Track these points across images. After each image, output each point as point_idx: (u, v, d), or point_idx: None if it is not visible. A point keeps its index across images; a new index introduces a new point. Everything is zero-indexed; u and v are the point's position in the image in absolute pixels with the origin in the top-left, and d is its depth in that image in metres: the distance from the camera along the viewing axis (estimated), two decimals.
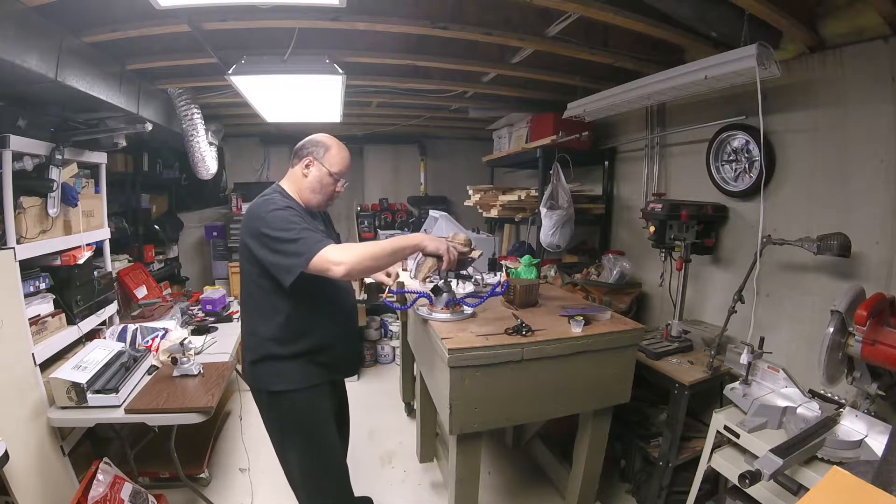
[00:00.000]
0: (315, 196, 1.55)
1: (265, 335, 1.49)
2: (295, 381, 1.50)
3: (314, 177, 1.53)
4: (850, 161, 1.82)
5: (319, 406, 1.56)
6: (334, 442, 1.61)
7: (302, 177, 1.54)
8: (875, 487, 0.66)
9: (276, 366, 1.50)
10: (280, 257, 1.35)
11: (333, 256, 1.32)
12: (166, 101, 2.87)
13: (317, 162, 1.53)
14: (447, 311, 1.74)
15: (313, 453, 1.57)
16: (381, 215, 4.78)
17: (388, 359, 4.07)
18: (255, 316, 1.52)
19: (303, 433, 1.55)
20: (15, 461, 1.62)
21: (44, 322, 2.00)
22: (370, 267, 1.40)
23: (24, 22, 1.61)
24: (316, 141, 1.56)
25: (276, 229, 1.36)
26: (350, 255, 1.34)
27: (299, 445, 1.55)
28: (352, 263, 1.32)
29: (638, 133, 2.96)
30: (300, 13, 1.82)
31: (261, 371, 1.52)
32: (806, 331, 1.95)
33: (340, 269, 1.31)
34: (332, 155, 1.54)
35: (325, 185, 1.55)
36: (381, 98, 3.16)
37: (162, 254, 4.08)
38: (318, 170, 1.53)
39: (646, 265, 2.85)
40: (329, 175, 1.54)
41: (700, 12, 1.74)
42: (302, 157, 1.54)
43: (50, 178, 2.02)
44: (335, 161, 1.55)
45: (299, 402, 1.52)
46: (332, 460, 1.60)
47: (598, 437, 1.87)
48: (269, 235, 1.36)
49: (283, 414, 1.54)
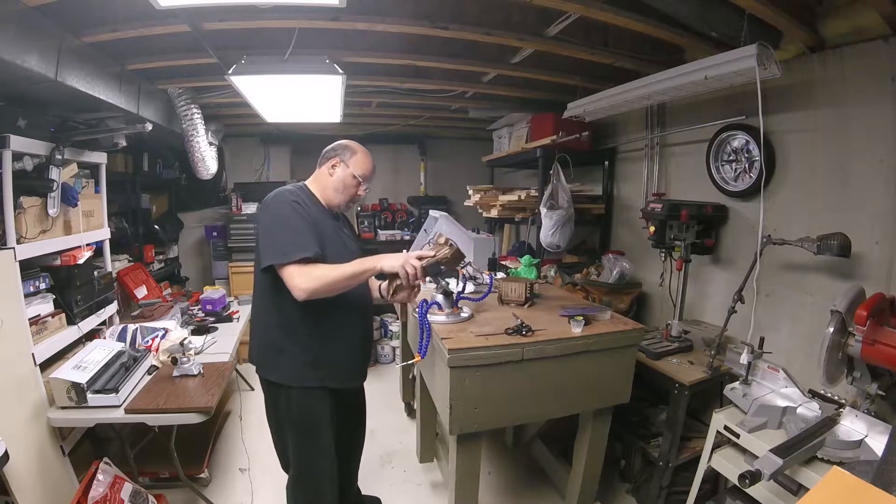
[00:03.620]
0: (338, 195, 1.62)
1: (268, 323, 1.56)
2: (290, 377, 1.54)
3: (339, 177, 1.61)
4: (850, 161, 1.82)
5: (314, 409, 1.56)
6: (324, 449, 1.59)
7: (328, 176, 1.62)
8: (875, 487, 0.66)
9: (274, 357, 1.55)
10: (263, 245, 1.46)
11: (295, 279, 1.38)
12: (166, 101, 2.87)
13: (342, 164, 1.61)
14: (444, 313, 1.74)
15: (302, 452, 1.60)
16: (381, 215, 4.78)
17: (388, 359, 4.07)
18: (262, 305, 1.59)
19: (295, 430, 1.59)
20: (15, 461, 1.62)
21: (44, 322, 2.00)
22: (330, 292, 1.42)
23: (24, 22, 1.61)
24: (344, 145, 1.65)
25: (272, 221, 1.47)
26: (311, 282, 1.38)
27: (292, 439, 1.60)
28: (310, 291, 1.38)
29: (638, 133, 2.96)
30: (300, 13, 1.82)
31: (262, 357, 1.60)
32: (806, 331, 1.95)
33: (300, 294, 1.38)
34: (357, 159, 1.62)
35: (348, 186, 1.62)
36: (381, 98, 3.16)
37: (162, 254, 4.08)
38: (343, 171, 1.61)
39: (646, 265, 2.85)
40: (353, 177, 1.61)
41: (700, 12, 1.74)
42: (329, 157, 1.63)
43: (50, 178, 2.02)
44: (360, 165, 1.62)
45: (294, 400, 1.55)
46: (317, 465, 1.60)
47: (598, 437, 1.87)
48: (265, 224, 1.49)
49: (279, 406, 1.58)
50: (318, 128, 4.02)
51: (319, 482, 1.61)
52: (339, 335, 1.58)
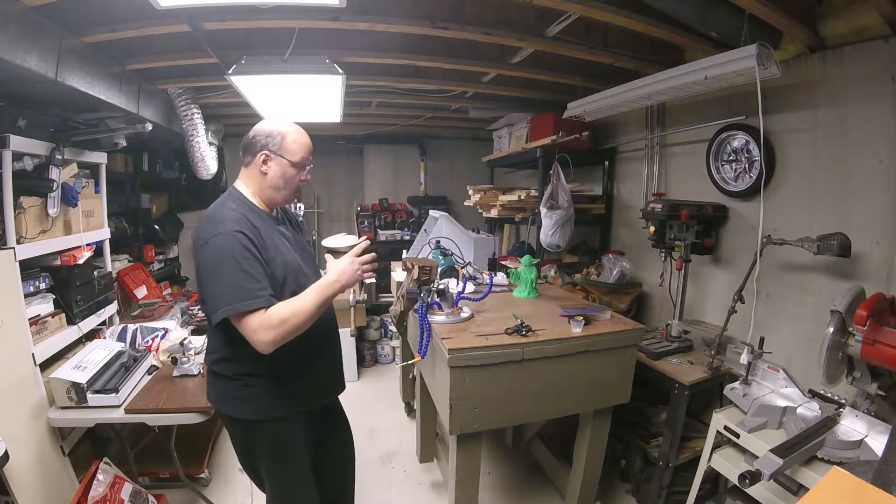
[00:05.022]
0: (280, 193, 1.38)
1: (220, 354, 1.35)
2: (254, 411, 1.34)
3: (275, 173, 1.35)
4: (850, 161, 1.82)
5: (287, 440, 1.38)
6: (302, 478, 1.43)
7: (261, 175, 1.36)
8: (875, 487, 0.66)
9: (234, 389, 1.34)
10: (208, 293, 1.23)
11: (257, 334, 1.18)
12: (166, 101, 2.87)
13: (274, 155, 1.34)
14: (444, 313, 1.74)
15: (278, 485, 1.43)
16: (381, 215, 4.78)
17: (388, 359, 4.06)
18: (212, 332, 1.36)
19: (268, 463, 1.41)
20: (15, 461, 1.62)
21: (44, 322, 2.00)
22: (296, 333, 1.24)
23: (24, 22, 1.61)
24: (267, 131, 1.35)
25: (214, 260, 1.22)
26: (274, 333, 1.18)
27: (265, 471, 1.43)
28: (275, 343, 1.19)
29: (638, 133, 2.96)
30: (300, 13, 1.82)
31: (218, 390, 1.38)
32: (806, 331, 1.95)
33: (265, 349, 1.19)
34: (289, 143, 1.34)
35: (289, 178, 1.37)
36: (381, 98, 3.16)
37: (162, 254, 4.09)
38: (278, 163, 1.35)
39: (646, 265, 2.85)
40: (291, 166, 1.35)
41: (700, 12, 1.74)
42: (255, 151, 1.35)
43: (50, 178, 2.02)
44: (295, 149, 1.35)
45: (264, 434, 1.36)
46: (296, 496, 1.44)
47: (598, 437, 1.87)
48: (207, 263, 1.24)
49: (247, 443, 1.41)
50: (318, 128, 4.02)
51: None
52: (303, 357, 1.38)
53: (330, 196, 5.02)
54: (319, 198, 4.96)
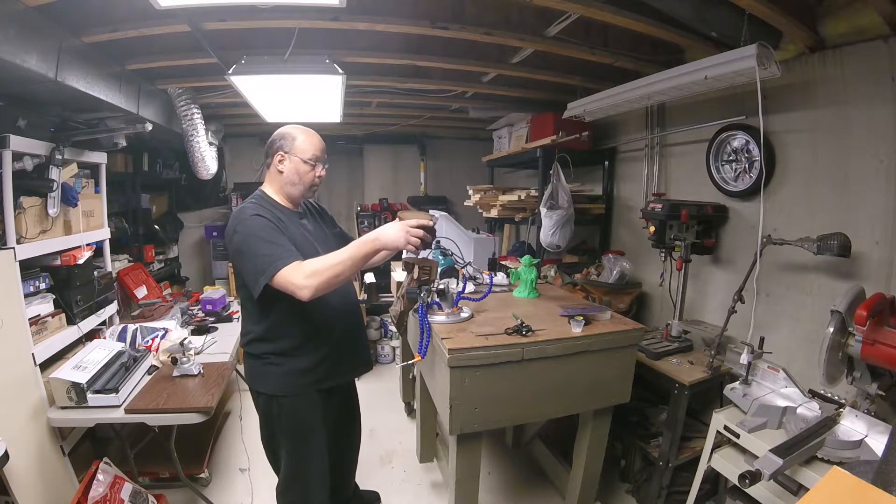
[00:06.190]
0: (296, 188, 1.56)
1: (253, 334, 1.53)
2: (277, 386, 1.52)
3: (289, 170, 1.54)
4: (850, 161, 1.82)
5: (306, 415, 1.55)
6: (316, 453, 1.59)
7: (278, 174, 1.55)
8: (875, 487, 0.66)
9: (260, 366, 1.53)
10: (245, 271, 1.39)
11: (296, 280, 1.30)
12: (166, 101, 2.87)
13: (288, 155, 1.53)
14: (444, 313, 1.74)
15: (294, 456, 1.59)
16: (381, 215, 4.77)
17: (388, 359, 4.06)
18: (246, 315, 1.58)
19: (286, 437, 1.57)
20: (15, 461, 1.62)
21: (44, 322, 2.00)
22: (334, 283, 1.35)
23: (24, 22, 1.61)
24: (281, 134, 1.55)
25: (243, 242, 1.39)
26: (314, 279, 1.30)
27: (284, 446, 1.59)
28: (315, 286, 1.30)
29: (638, 133, 2.96)
30: (300, 13, 1.82)
31: (250, 367, 1.58)
32: (806, 331, 1.95)
33: (305, 294, 1.30)
34: (300, 143, 1.54)
35: (303, 174, 1.54)
36: (381, 98, 3.16)
37: (162, 254, 4.09)
38: (291, 161, 1.53)
39: (646, 265, 2.85)
40: (304, 163, 1.53)
41: (700, 12, 1.74)
42: (273, 153, 1.55)
43: (50, 178, 2.02)
44: (305, 148, 1.54)
45: (284, 408, 1.53)
46: (308, 468, 1.60)
47: (598, 437, 1.87)
48: (237, 248, 1.41)
49: (268, 414, 1.57)
50: (318, 128, 4.01)
51: (309, 485, 1.60)
52: (325, 335, 1.55)
53: (330, 196, 5.02)
54: (320, 197, 4.95)
